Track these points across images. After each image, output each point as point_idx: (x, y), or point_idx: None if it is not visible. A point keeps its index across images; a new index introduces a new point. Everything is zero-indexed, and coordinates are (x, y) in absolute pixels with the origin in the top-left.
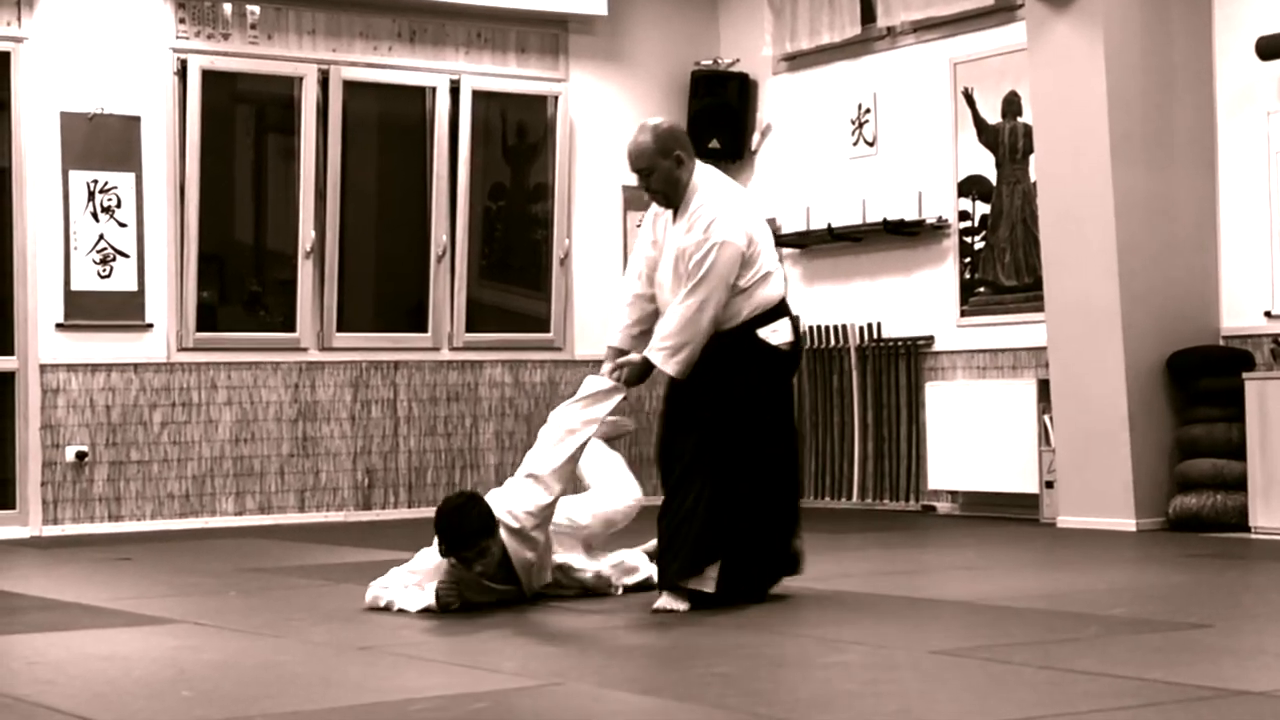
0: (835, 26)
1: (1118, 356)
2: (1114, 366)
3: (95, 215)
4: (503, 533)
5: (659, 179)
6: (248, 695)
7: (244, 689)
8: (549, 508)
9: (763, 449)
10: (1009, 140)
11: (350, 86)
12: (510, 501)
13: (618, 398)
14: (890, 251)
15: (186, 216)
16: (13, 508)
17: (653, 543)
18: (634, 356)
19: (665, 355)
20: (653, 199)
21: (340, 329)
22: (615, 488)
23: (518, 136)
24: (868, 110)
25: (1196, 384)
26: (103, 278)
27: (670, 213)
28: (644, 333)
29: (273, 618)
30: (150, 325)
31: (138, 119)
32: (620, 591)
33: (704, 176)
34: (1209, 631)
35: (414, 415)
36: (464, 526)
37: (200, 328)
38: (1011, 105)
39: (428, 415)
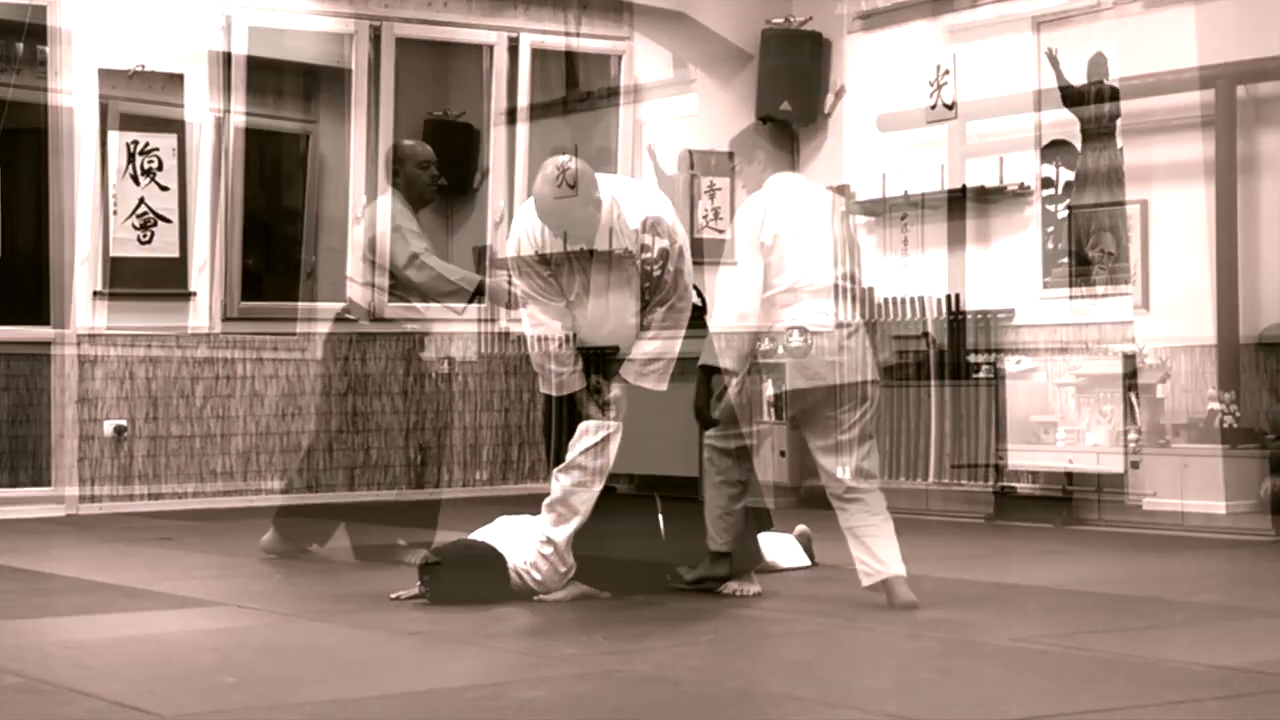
0: None
1: (1208, 330)
2: (1204, 341)
3: (136, 178)
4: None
5: (585, 229)
6: (293, 681)
7: (289, 675)
8: (565, 575)
9: None
10: (1094, 103)
11: (403, 44)
12: (528, 556)
13: (619, 436)
14: (969, 220)
15: (232, 180)
16: (48, 484)
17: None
18: (615, 391)
19: (657, 378)
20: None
21: (392, 299)
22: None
23: (579, 98)
24: (946, 72)
25: None
26: (143, 244)
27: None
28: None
29: (320, 601)
30: (193, 294)
31: (180, 77)
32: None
33: (607, 187)
34: None
35: (469, 389)
36: (473, 592)
37: (245, 297)
38: (1097, 67)
39: (484, 390)
